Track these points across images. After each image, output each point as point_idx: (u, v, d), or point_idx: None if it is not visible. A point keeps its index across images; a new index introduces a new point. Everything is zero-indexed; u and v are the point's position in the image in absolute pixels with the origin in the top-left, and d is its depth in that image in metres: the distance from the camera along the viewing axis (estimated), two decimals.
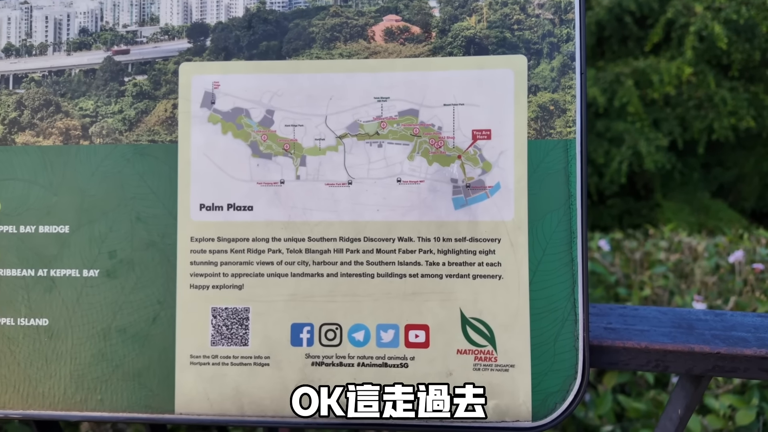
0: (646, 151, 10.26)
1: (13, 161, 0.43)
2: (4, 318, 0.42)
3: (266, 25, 0.41)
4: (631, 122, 11.02)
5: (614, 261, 2.73)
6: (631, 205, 12.35)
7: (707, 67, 10.98)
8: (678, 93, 11.06)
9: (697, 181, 12.46)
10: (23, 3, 0.43)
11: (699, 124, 11.15)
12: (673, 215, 11.89)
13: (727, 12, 9.88)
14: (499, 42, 0.40)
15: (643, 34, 11.28)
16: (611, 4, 10.41)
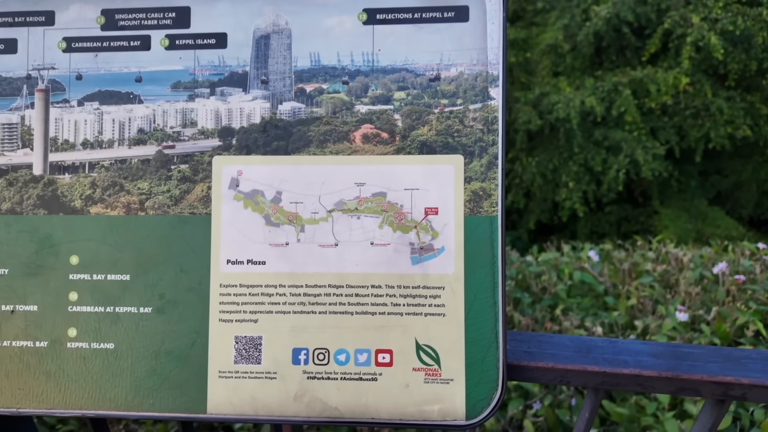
0: (643, 160, 10.33)
1: (88, 226, 0.58)
2: (81, 343, 0.58)
3: (276, 130, 0.56)
4: (629, 131, 11.10)
5: (603, 271, 2.86)
6: (629, 212, 12.39)
7: (704, 77, 11.05)
8: (675, 102, 11.13)
9: (695, 189, 12.51)
10: (96, 109, 0.59)
11: (696, 133, 11.21)
12: (671, 222, 11.92)
13: (723, 23, 9.98)
14: (444, 145, 0.55)
15: (640, 44, 11.37)
16: (609, 14, 10.52)
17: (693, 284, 2.58)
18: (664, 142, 10.73)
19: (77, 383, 0.57)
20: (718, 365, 0.56)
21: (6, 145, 0.59)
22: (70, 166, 0.59)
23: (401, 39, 0.55)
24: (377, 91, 0.56)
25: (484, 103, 0.55)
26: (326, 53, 0.56)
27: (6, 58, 0.59)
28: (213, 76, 0.58)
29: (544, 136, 11.02)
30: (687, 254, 3.13)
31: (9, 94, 0.59)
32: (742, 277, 2.37)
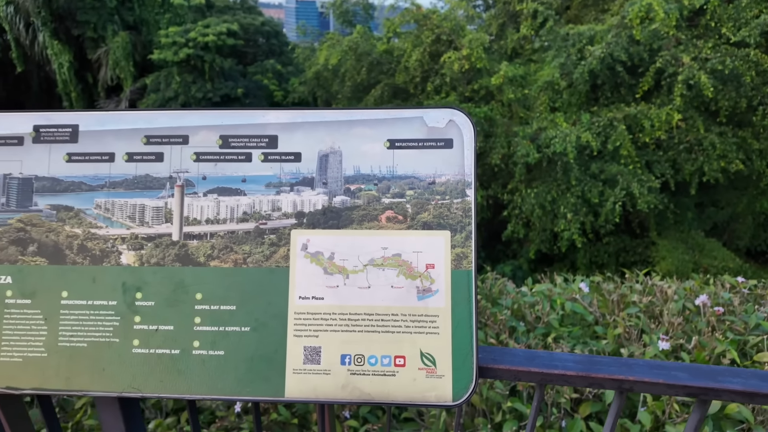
0: (639, 193, 10.62)
1: (208, 274, 0.90)
2: (202, 351, 0.89)
3: (332, 213, 0.89)
4: (624, 164, 11.42)
5: (593, 301, 3.13)
6: (627, 243, 12.58)
7: (696, 113, 11.44)
8: (669, 137, 11.50)
9: (692, 221, 12.72)
10: (215, 198, 0.92)
11: (690, 167, 11.53)
12: (668, 254, 12.10)
13: (713, 62, 10.44)
14: (437, 224, 0.87)
15: (634, 81, 11.82)
16: (603, 54, 11.00)
17: (676, 315, 2.82)
18: (659, 176, 11.07)
19: (199, 378, 0.88)
20: (617, 368, 0.86)
21: (155, 221, 0.92)
22: (197, 235, 0.91)
23: (410, 158, 0.89)
24: (395, 190, 0.89)
25: (463, 198, 0.87)
26: (364, 166, 0.90)
27: (156, 165, 0.93)
28: (292, 179, 0.91)
29: (542, 169, 11.39)
30: (671, 287, 3.39)
31: (157, 188, 0.93)
32: (720, 309, 2.62)
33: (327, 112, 0.92)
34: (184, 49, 17.64)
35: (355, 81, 15.18)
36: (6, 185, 0.93)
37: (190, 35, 17.80)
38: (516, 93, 12.52)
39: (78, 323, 0.90)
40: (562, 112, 12.06)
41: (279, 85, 24.61)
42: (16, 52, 18.78)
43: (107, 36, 18.53)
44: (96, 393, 0.89)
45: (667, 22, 10.69)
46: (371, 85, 15.29)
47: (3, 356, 0.90)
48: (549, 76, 12.06)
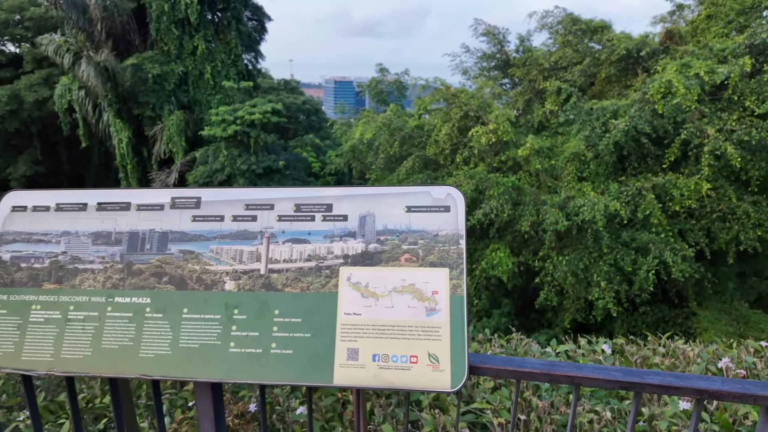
0: (672, 261, 10.54)
1: (284, 297, 1.31)
2: (278, 350, 1.28)
3: (367, 255, 1.31)
4: (656, 233, 11.43)
5: (615, 363, 3.31)
6: (666, 313, 12.22)
7: (726, 183, 11.51)
8: (701, 206, 11.52)
9: (733, 291, 12.32)
10: (290, 245, 1.36)
11: (724, 236, 11.41)
12: (710, 325, 11.68)
13: (738, 134, 10.68)
14: (440, 263, 1.27)
15: (660, 152, 12.09)
16: (627, 127, 11.44)
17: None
18: (693, 244, 10.99)
19: (275, 369, 1.27)
20: (570, 369, 1.20)
21: (249, 260, 1.36)
22: (277, 270, 1.34)
23: (421, 218, 1.31)
24: (411, 239, 1.31)
25: (457, 246, 1.28)
26: (389, 223, 1.33)
27: (252, 223, 1.38)
28: (341, 233, 1.34)
29: (573, 236, 11.53)
30: (694, 349, 3.53)
31: (252, 239, 1.38)
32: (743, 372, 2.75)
33: (364, 189, 1.37)
34: (232, 126, 19.28)
35: (388, 153, 16.08)
36: (151, 236, 1.41)
37: (238, 113, 19.50)
38: (543, 163, 12.99)
39: (193, 331, 1.32)
40: (589, 182, 12.36)
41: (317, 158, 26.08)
42: (83, 130, 20.98)
43: (164, 114, 20.54)
44: (203, 379, 1.29)
45: (689, 96, 11.10)
46: (403, 157, 16.13)
47: (141, 353, 1.32)
48: (575, 147, 12.51)
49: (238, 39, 21.59)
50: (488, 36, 17.82)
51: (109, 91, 18.89)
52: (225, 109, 19.77)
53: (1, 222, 1.45)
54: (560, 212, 11.32)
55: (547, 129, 15.68)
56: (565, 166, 12.87)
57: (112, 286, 1.37)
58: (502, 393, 2.67)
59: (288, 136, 28.57)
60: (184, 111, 20.96)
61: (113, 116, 19.90)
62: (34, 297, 1.38)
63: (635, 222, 11.26)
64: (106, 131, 20.83)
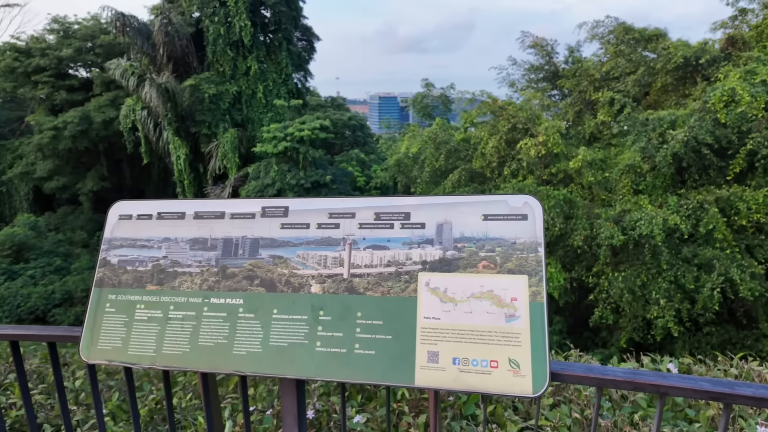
0: (740, 279, 9.91)
1: (371, 301, 1.39)
2: (361, 351, 1.35)
3: (445, 262, 1.36)
4: (720, 248, 10.80)
5: None
6: (732, 334, 11.47)
7: None
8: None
9: None
10: (369, 251, 1.43)
11: None
12: None
13: None
14: (518, 270, 1.31)
15: (723, 163, 11.48)
16: (687, 138, 10.95)
17: None
18: (763, 261, 10.29)
19: (358, 368, 1.34)
20: (655, 377, 1.19)
21: (333, 265, 1.45)
22: (359, 274, 1.42)
23: (498, 226, 1.35)
24: (488, 247, 1.35)
25: (536, 254, 1.31)
26: (466, 231, 1.37)
27: (335, 230, 1.47)
28: (419, 240, 1.41)
29: (629, 252, 11.07)
30: None
31: (335, 245, 1.46)
32: None
33: (441, 198, 1.43)
34: (282, 142, 19.95)
35: (434, 167, 16.10)
36: (243, 242, 1.52)
37: (288, 130, 20.17)
38: (596, 176, 12.61)
39: (283, 330, 1.41)
40: (646, 195, 11.88)
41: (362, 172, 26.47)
42: (144, 147, 22.34)
43: (218, 132, 21.54)
44: (292, 376, 1.38)
45: (755, 105, 10.52)
46: (449, 170, 16.11)
47: (235, 350, 1.43)
48: (630, 159, 12.09)
49: (288, 59, 22.42)
50: (536, 48, 17.63)
51: (169, 110, 20.07)
52: (276, 127, 20.52)
53: (110, 229, 1.61)
54: (615, 226, 10.94)
55: (599, 140, 15.25)
56: (619, 178, 12.45)
57: (208, 288, 1.49)
58: (562, 410, 2.63)
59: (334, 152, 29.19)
60: (237, 129, 21.91)
61: (172, 134, 21.08)
62: (138, 297, 1.52)
63: (697, 237, 10.69)
64: (166, 148, 22.09)
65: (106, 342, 1.49)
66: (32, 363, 3.90)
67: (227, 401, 3.34)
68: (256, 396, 3.39)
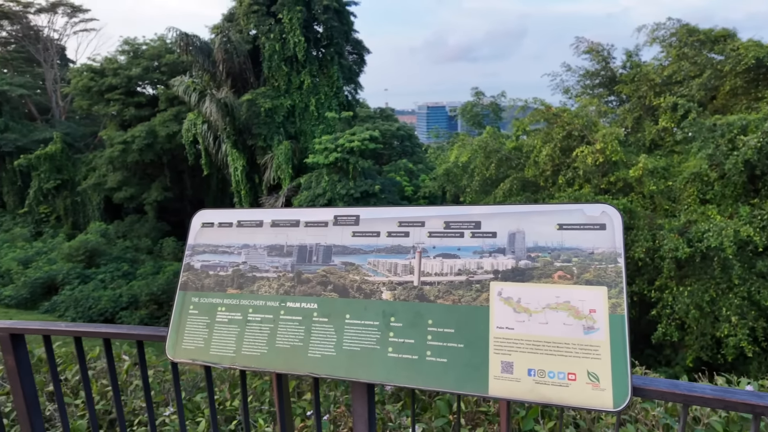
0: None
1: (437, 308, 1.40)
2: (433, 358, 1.36)
3: (518, 272, 1.35)
4: None
5: None
6: None
7: None
8: None
9: None
10: (440, 259, 1.45)
11: None
12: None
13: None
14: (597, 281, 1.28)
15: None
16: (760, 143, 10.23)
17: None
18: None
19: (430, 375, 1.35)
20: (749, 396, 1.13)
21: (403, 273, 1.47)
22: (429, 282, 1.44)
23: (574, 236, 1.33)
24: (564, 257, 1.33)
25: (615, 264, 1.28)
26: (540, 240, 1.36)
27: (405, 239, 1.50)
28: (490, 249, 1.41)
29: (696, 265, 10.43)
30: None
31: (405, 253, 1.49)
32: None
33: (513, 207, 1.43)
34: (333, 153, 20.38)
35: (484, 176, 15.89)
36: (317, 249, 1.58)
37: (339, 142, 20.58)
38: (658, 184, 12.01)
39: (355, 335, 1.45)
40: (714, 205, 11.17)
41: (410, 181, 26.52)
42: (204, 159, 23.48)
43: (273, 144, 22.30)
44: (365, 380, 1.41)
45: None
46: (499, 179, 15.84)
47: (310, 353, 1.48)
48: (696, 167, 11.44)
49: (339, 72, 22.95)
50: (591, 53, 17.09)
51: (228, 124, 21.03)
52: (327, 138, 21.00)
53: (194, 236, 1.72)
54: (680, 238, 10.35)
55: (660, 148, 14.53)
56: (684, 187, 11.79)
57: (285, 292, 1.56)
58: (627, 429, 2.51)
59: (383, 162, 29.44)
60: (291, 141, 22.62)
61: (230, 147, 22.05)
62: (219, 300, 1.61)
63: None
64: (224, 160, 23.11)
65: (190, 342, 1.59)
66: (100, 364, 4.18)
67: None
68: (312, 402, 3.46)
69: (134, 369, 4.02)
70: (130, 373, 4.02)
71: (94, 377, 3.87)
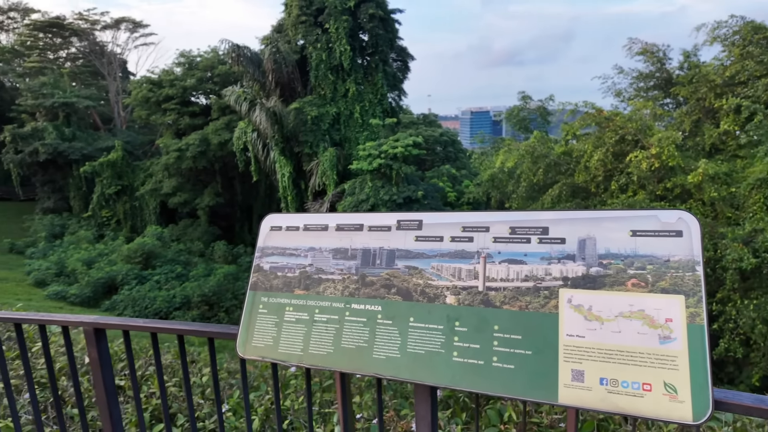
0: None
1: (503, 314, 1.40)
2: (499, 364, 1.36)
3: (589, 279, 1.33)
4: None
5: None
6: None
7: None
8: None
9: None
10: (506, 265, 1.45)
11: None
12: None
13: None
14: (673, 290, 1.24)
15: None
16: None
17: None
18: None
19: (497, 381, 1.35)
20: None
21: (467, 278, 1.48)
22: (494, 288, 1.44)
23: (648, 243, 1.30)
24: (638, 264, 1.30)
25: (693, 273, 1.23)
26: (612, 247, 1.34)
27: (468, 244, 1.51)
28: (559, 255, 1.39)
29: (762, 277, 9.77)
30: None
31: (469, 258, 1.50)
32: None
33: (583, 213, 1.41)
34: (377, 159, 20.54)
35: (531, 181, 15.54)
36: (380, 253, 1.62)
37: (382, 148, 20.73)
38: (720, 191, 11.36)
39: (419, 338, 1.47)
40: None
41: (453, 187, 26.32)
42: (254, 166, 24.26)
43: (319, 151, 22.75)
44: (429, 383, 1.43)
45: None
46: (547, 185, 15.45)
47: (374, 354, 1.51)
48: (762, 172, 10.74)
49: (384, 80, 23.17)
50: (645, 54, 16.43)
51: (276, 132, 21.66)
52: (371, 145, 21.20)
53: (263, 238, 1.80)
54: (745, 247, 9.72)
55: (722, 152, 13.74)
56: (749, 193, 11.07)
57: (349, 294, 1.60)
58: None
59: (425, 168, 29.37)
60: (336, 147, 23.00)
61: (278, 154, 22.69)
62: (287, 300, 1.68)
63: None
64: (272, 167, 23.80)
65: (260, 340, 1.66)
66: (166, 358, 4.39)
67: (334, 407, 3.49)
68: (361, 404, 3.50)
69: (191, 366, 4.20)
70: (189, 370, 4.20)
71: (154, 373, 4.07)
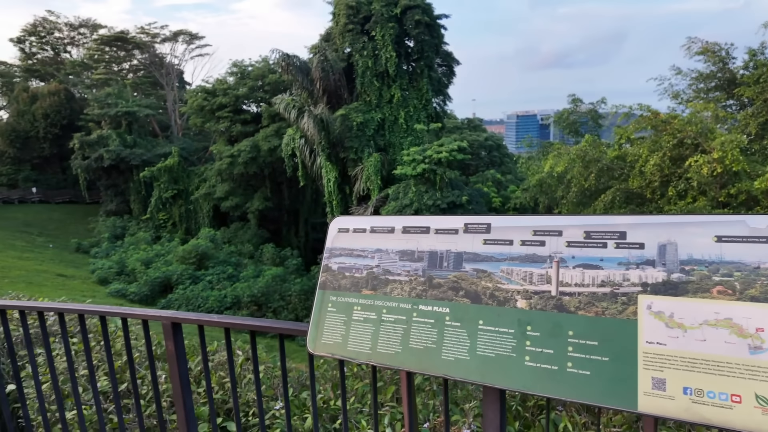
0: None
1: (578, 319, 1.38)
2: (575, 370, 1.34)
3: (670, 285, 1.29)
4: None
5: None
6: None
7: None
8: None
9: None
10: (581, 270, 1.43)
11: None
12: None
13: None
14: (765, 299, 1.18)
15: None
16: None
17: None
18: None
19: (571, 387, 1.33)
20: None
21: (539, 282, 1.47)
22: (569, 293, 1.42)
23: (736, 249, 1.25)
24: (724, 271, 1.25)
25: None
26: (695, 253, 1.29)
27: (540, 248, 1.50)
28: (637, 261, 1.36)
29: None
30: None
31: (541, 262, 1.49)
32: None
33: (663, 217, 1.37)
34: (420, 164, 20.53)
35: (582, 187, 15.05)
36: (447, 255, 1.64)
37: (427, 153, 20.70)
38: None
39: (489, 341, 1.47)
40: None
41: (498, 192, 25.88)
42: (301, 171, 24.83)
43: (363, 157, 23.00)
44: (499, 386, 1.43)
45: None
46: (600, 191, 14.92)
47: (443, 356, 1.52)
48: None
49: (429, 85, 23.17)
50: (706, 54, 15.60)
51: (323, 138, 22.10)
52: (415, 150, 21.22)
53: (331, 239, 1.86)
54: None
55: None
56: None
57: (416, 295, 1.63)
58: None
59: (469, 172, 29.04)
60: (380, 153, 23.18)
61: (324, 159, 23.12)
62: (355, 300, 1.73)
63: None
64: (318, 172, 24.28)
65: (329, 337, 1.72)
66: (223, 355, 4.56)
67: (386, 409, 3.52)
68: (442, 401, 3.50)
69: (246, 363, 4.35)
70: (243, 367, 4.36)
71: (213, 369, 4.24)
